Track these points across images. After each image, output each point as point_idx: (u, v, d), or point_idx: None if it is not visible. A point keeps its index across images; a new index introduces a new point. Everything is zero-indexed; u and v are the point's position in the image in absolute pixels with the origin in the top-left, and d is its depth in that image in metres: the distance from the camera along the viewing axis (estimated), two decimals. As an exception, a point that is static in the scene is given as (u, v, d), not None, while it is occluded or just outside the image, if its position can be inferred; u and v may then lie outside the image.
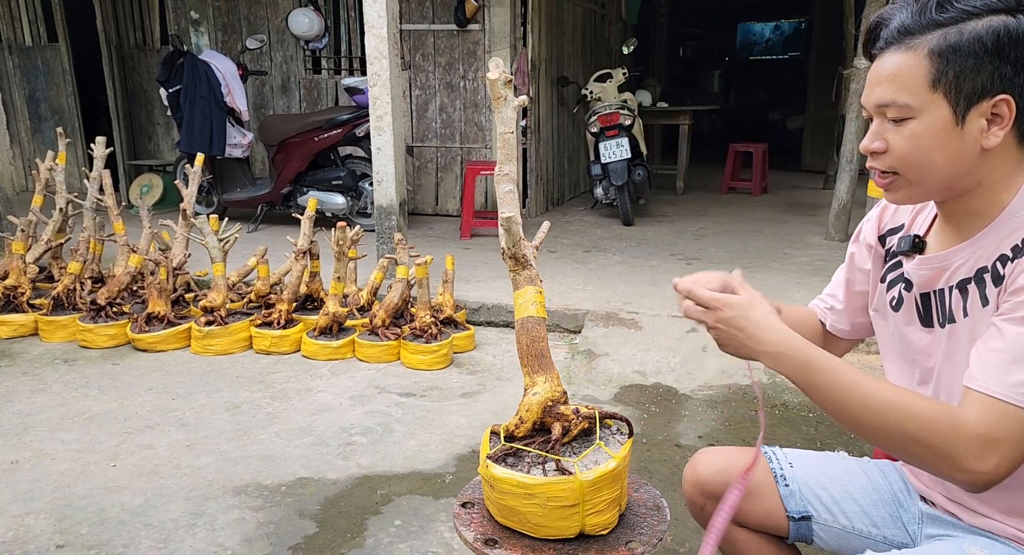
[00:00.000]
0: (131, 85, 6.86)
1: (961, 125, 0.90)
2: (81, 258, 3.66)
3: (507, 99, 1.20)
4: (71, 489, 2.16)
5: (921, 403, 0.89)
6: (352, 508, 2.09)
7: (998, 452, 0.85)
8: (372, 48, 3.86)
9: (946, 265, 0.99)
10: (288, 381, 3.02)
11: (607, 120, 5.65)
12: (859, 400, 0.90)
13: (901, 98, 0.92)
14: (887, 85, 0.93)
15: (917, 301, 1.04)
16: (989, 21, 0.87)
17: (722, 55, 13.77)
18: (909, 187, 0.96)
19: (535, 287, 1.22)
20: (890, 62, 0.93)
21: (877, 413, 0.89)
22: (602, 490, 1.09)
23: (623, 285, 4.07)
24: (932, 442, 0.87)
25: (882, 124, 0.96)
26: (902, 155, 0.94)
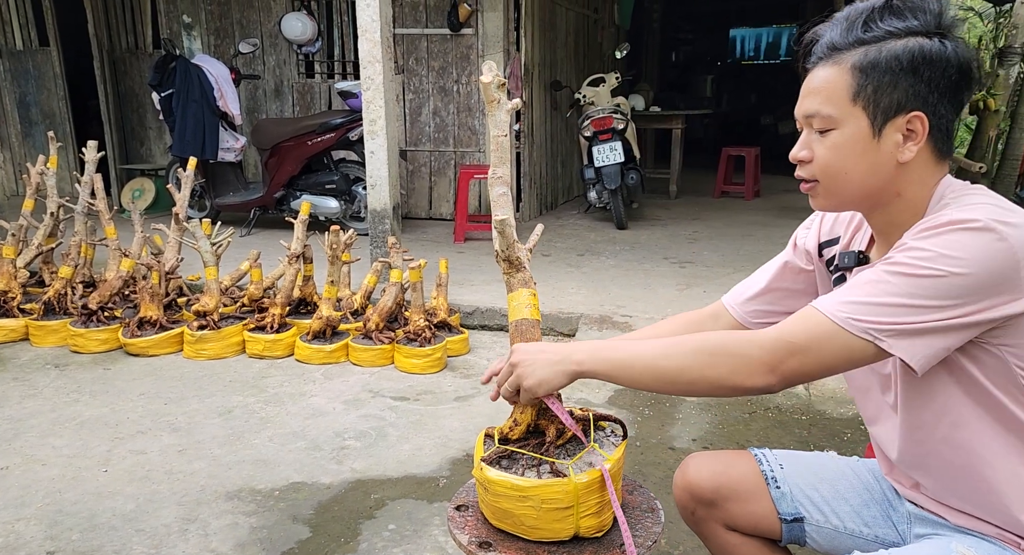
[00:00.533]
0: (123, 89, 6.83)
1: (878, 138, 0.95)
2: (72, 262, 3.64)
3: (500, 102, 1.21)
4: (62, 495, 2.15)
5: (712, 336, 0.99)
6: (346, 513, 2.08)
7: (790, 356, 0.91)
8: (365, 52, 3.86)
9: None
10: (281, 385, 3.01)
11: (600, 124, 5.67)
12: (659, 356, 0.98)
13: (825, 109, 0.97)
14: (814, 97, 0.99)
15: None
16: (907, 42, 0.93)
17: (714, 60, 13.84)
18: (828, 195, 1.02)
19: (529, 289, 1.22)
20: (818, 76, 0.99)
21: (684, 367, 0.97)
22: (596, 492, 1.09)
23: (617, 288, 4.07)
24: (727, 358, 0.94)
25: (809, 134, 1.01)
26: (823, 164, 0.99)
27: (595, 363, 1.02)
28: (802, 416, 2.74)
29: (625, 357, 1.01)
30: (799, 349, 0.91)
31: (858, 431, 2.62)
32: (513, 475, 1.10)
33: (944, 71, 0.93)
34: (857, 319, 0.89)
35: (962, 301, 0.87)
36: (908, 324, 0.88)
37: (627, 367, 1.00)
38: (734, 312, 1.27)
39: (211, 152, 5.51)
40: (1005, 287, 0.87)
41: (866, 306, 0.89)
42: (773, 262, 1.27)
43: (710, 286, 4.08)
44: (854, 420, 2.72)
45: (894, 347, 0.89)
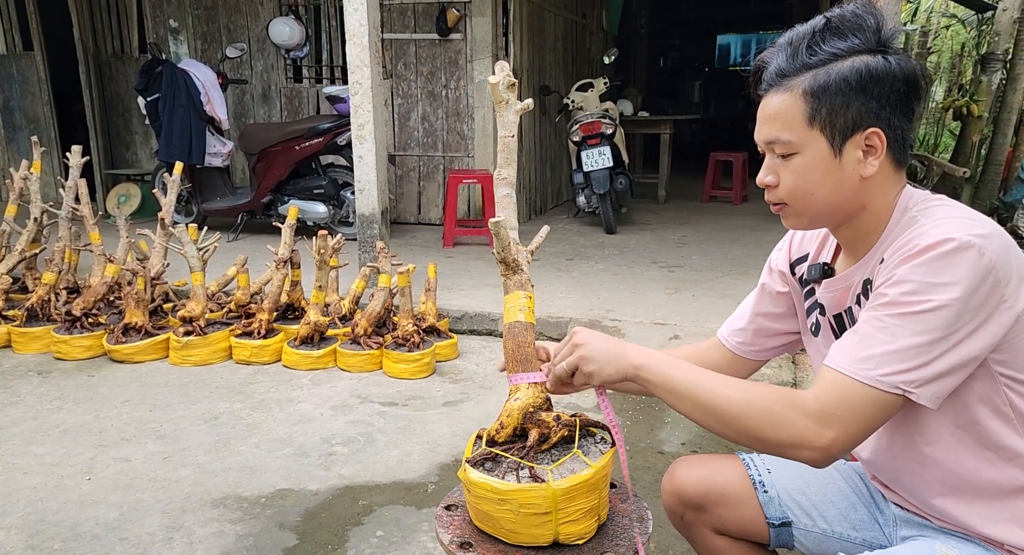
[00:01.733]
0: (108, 94, 6.78)
1: (839, 157, 0.97)
2: (56, 268, 3.60)
3: (509, 103, 1.19)
4: (44, 504, 2.11)
5: (766, 387, 0.97)
6: (333, 519, 2.06)
7: (835, 427, 0.90)
8: (353, 57, 3.85)
9: (847, 285, 1.06)
10: (268, 391, 2.99)
11: (589, 129, 5.69)
12: (712, 396, 0.98)
13: (784, 135, 0.99)
14: (771, 124, 1.00)
15: (832, 324, 1.11)
16: (852, 62, 0.95)
17: (702, 66, 13.94)
18: (798, 215, 1.04)
19: (525, 292, 1.22)
20: (772, 103, 1.00)
21: (727, 407, 0.96)
22: (577, 499, 1.08)
23: (606, 293, 4.08)
24: (773, 419, 0.93)
25: (772, 159, 1.03)
26: (790, 188, 1.02)
27: (652, 373, 1.02)
28: (790, 419, 2.74)
29: (682, 380, 1.00)
30: (840, 420, 0.91)
31: (846, 434, 2.63)
32: (494, 478, 1.09)
33: (892, 85, 0.95)
34: (884, 375, 0.89)
35: (966, 322, 0.88)
36: (929, 365, 0.88)
37: (680, 392, 1.00)
38: (727, 344, 1.29)
39: (198, 157, 5.48)
40: (995, 296, 0.88)
41: (886, 357, 0.89)
42: (754, 291, 1.29)
43: (698, 290, 4.10)
44: (842, 423, 2.73)
45: (921, 397, 0.89)
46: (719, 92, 13.22)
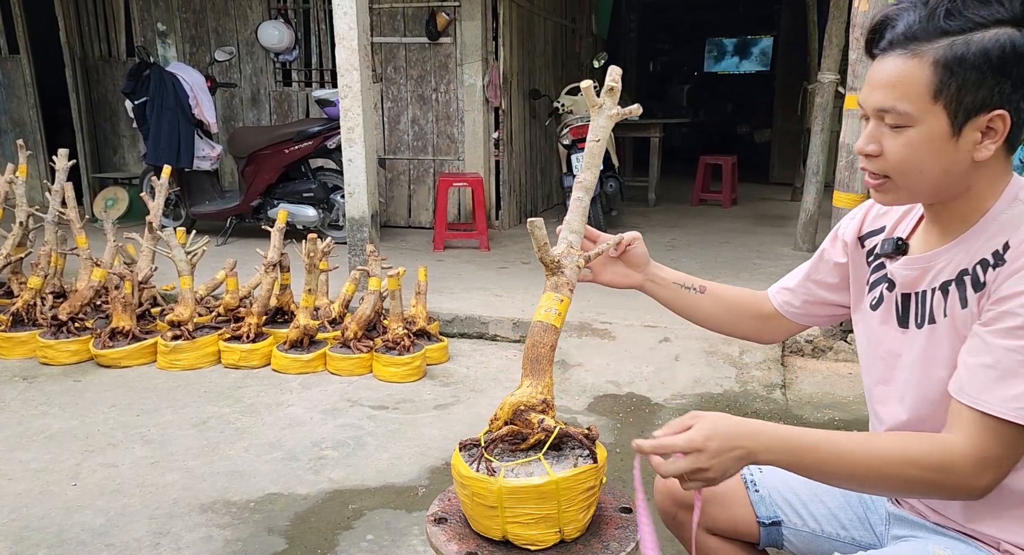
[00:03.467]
0: (96, 97, 6.73)
1: (957, 137, 0.90)
2: (42, 272, 3.56)
3: (603, 107, 1.15)
4: (29, 510, 2.09)
5: (911, 446, 0.91)
6: (323, 523, 2.05)
7: (992, 468, 0.88)
8: (343, 60, 3.85)
9: (929, 266, 0.99)
10: (258, 395, 2.97)
11: (579, 132, 5.70)
12: (856, 467, 0.92)
13: (901, 106, 0.91)
14: (888, 91, 0.92)
15: (897, 301, 1.04)
16: (996, 34, 0.86)
17: (691, 70, 14.01)
18: (898, 191, 0.97)
19: (558, 295, 1.17)
20: (893, 66, 0.91)
21: (877, 474, 0.92)
22: (526, 502, 1.06)
23: (596, 295, 4.08)
24: (932, 479, 0.89)
25: (878, 127, 0.95)
26: (896, 161, 0.94)
27: (780, 459, 0.94)
28: (780, 421, 2.76)
29: (818, 460, 0.93)
30: (997, 461, 0.88)
31: (835, 435, 2.65)
32: (464, 463, 1.12)
33: None
34: None
35: None
36: None
37: (824, 472, 0.94)
38: (773, 301, 1.27)
39: (186, 160, 5.44)
40: None
41: None
42: (812, 257, 1.25)
43: (688, 293, 4.11)
44: (830, 425, 2.75)
45: None
46: (708, 96, 13.30)
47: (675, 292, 1.30)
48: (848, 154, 3.25)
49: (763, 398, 2.93)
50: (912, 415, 1.02)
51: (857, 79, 3.16)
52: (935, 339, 0.98)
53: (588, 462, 1.11)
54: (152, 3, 6.33)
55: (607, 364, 3.23)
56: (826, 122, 5.35)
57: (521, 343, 3.64)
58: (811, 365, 3.29)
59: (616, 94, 1.17)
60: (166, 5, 6.31)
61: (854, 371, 3.23)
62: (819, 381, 3.13)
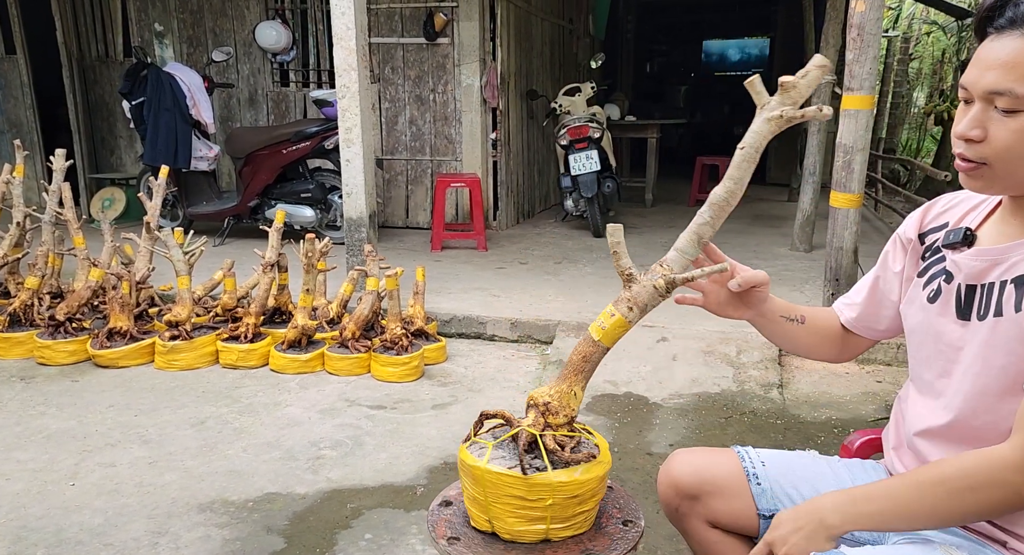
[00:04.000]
0: (93, 97, 6.72)
1: None
2: (39, 273, 3.56)
3: (766, 106, 0.97)
4: (27, 510, 2.09)
5: (962, 474, 0.90)
6: (321, 523, 2.05)
7: None
8: (341, 60, 3.85)
9: (1002, 258, 0.96)
10: (256, 395, 2.97)
11: (576, 133, 5.71)
12: (921, 509, 0.92)
13: (1020, 88, 0.85)
14: (1006, 72, 0.86)
15: (961, 293, 1.01)
16: None
17: (688, 71, 14.04)
18: (994, 179, 0.92)
19: (614, 308, 1.08)
20: (1012, 46, 0.86)
21: (943, 509, 0.91)
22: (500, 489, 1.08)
23: (594, 296, 4.09)
24: (992, 497, 0.88)
25: (985, 111, 0.89)
26: (1003, 148, 0.88)
27: (849, 524, 0.96)
28: (777, 420, 2.76)
29: (878, 511, 0.94)
30: None
31: (831, 435, 2.66)
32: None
33: None
34: None
35: None
36: None
37: (884, 523, 0.95)
38: (841, 316, 1.26)
39: (184, 161, 5.44)
40: None
41: None
42: (875, 268, 1.22)
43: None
44: (827, 424, 2.76)
45: None
46: (705, 97, 13.33)
47: (780, 326, 1.24)
48: (845, 154, 3.26)
49: (760, 398, 2.94)
50: (962, 411, 1.00)
51: (853, 79, 3.17)
52: (999, 331, 0.95)
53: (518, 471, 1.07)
54: (149, 3, 6.32)
55: (605, 363, 3.21)
56: (823, 122, 5.37)
57: (519, 343, 3.65)
58: (808, 365, 3.30)
59: (793, 91, 0.95)
60: (163, 5, 6.31)
61: (851, 371, 3.24)
62: (816, 380, 3.14)
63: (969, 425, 1.00)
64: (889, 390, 3.05)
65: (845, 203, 3.29)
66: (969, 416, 1.00)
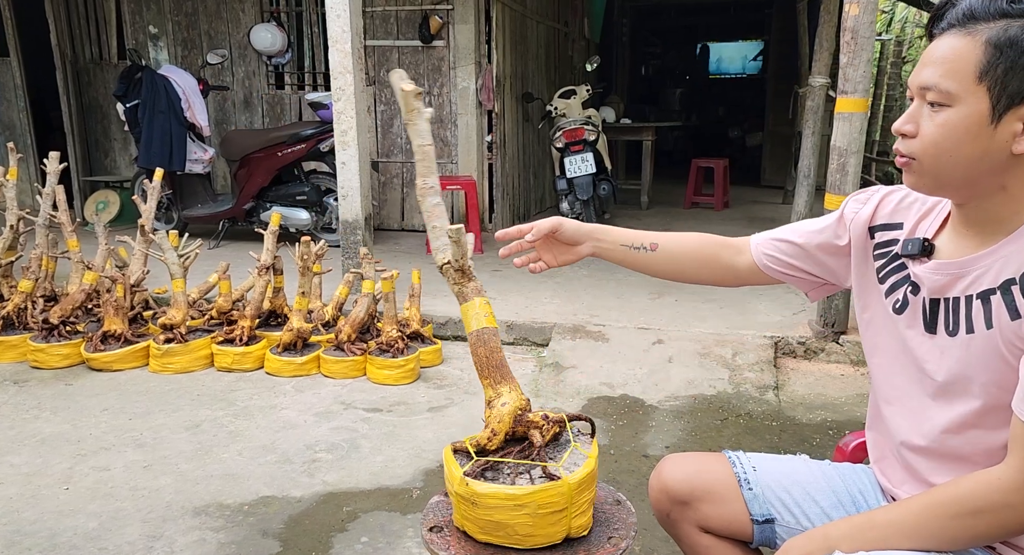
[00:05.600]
0: (87, 100, 6.70)
1: (995, 124, 0.87)
2: (33, 276, 3.54)
3: (419, 111, 1.18)
4: (20, 514, 2.08)
5: (964, 498, 0.90)
6: (317, 526, 2.04)
7: None
8: (336, 63, 3.85)
9: (964, 272, 0.96)
10: (251, 398, 2.96)
11: (572, 135, 5.72)
12: (929, 534, 0.91)
13: (944, 83, 0.89)
14: (935, 67, 0.90)
15: (925, 306, 1.01)
16: None
17: (683, 73, 14.09)
18: (924, 175, 0.94)
19: (483, 298, 1.23)
20: (945, 45, 0.90)
21: (950, 534, 0.91)
22: (584, 491, 1.10)
23: (590, 298, 4.09)
24: (996, 520, 0.88)
25: (919, 108, 0.93)
26: (928, 142, 0.91)
27: (859, 550, 0.94)
28: (772, 422, 2.77)
29: (886, 537, 0.93)
30: None
31: (826, 436, 2.66)
32: (504, 485, 1.07)
33: None
34: None
35: None
36: None
37: (894, 548, 0.94)
38: (755, 254, 1.25)
39: (179, 163, 5.43)
40: None
41: None
42: (814, 222, 1.21)
43: (681, 295, 4.13)
44: (822, 426, 2.77)
45: None
46: (700, 99, 13.36)
47: (624, 254, 1.29)
48: (839, 157, 3.27)
49: (756, 400, 2.94)
50: (945, 426, 1.00)
51: (847, 82, 3.19)
52: (974, 348, 0.94)
53: (590, 438, 1.17)
54: (144, 6, 6.31)
55: (600, 366, 3.23)
56: (817, 125, 5.38)
57: (515, 345, 3.64)
58: (803, 366, 3.31)
59: (422, 98, 1.23)
60: (158, 8, 6.30)
61: (846, 372, 3.25)
62: (811, 382, 3.15)
63: (957, 440, 1.00)
64: (884, 392, 3.06)
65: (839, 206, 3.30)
66: (955, 431, 0.99)
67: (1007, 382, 0.92)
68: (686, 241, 1.29)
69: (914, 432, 1.05)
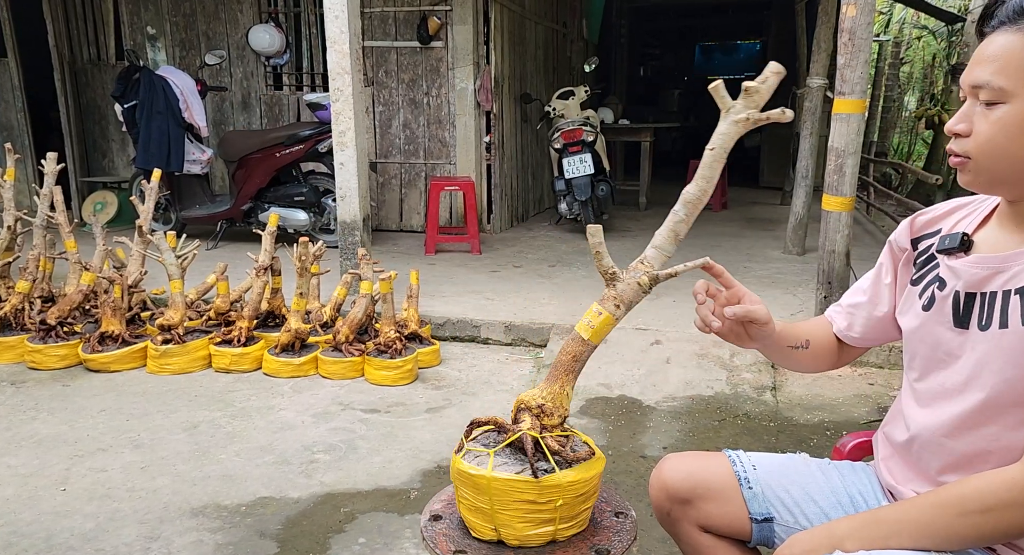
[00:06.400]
0: (85, 101, 6.70)
1: None
2: (30, 277, 3.54)
3: (731, 110, 1.01)
4: (17, 515, 2.07)
5: (975, 495, 0.90)
6: (315, 527, 2.04)
7: None
8: (334, 64, 3.85)
9: (1005, 266, 0.94)
10: (249, 399, 2.96)
11: (570, 136, 5.72)
12: (935, 532, 0.91)
13: (997, 80, 0.88)
14: (987, 65, 0.89)
15: (959, 300, 1.00)
16: None
17: (681, 74, 14.10)
18: (980, 173, 0.93)
19: (600, 307, 1.11)
20: (998, 42, 0.89)
21: (958, 532, 0.90)
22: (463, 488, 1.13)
23: (588, 299, 4.09)
24: (1006, 518, 0.88)
25: (972, 106, 0.92)
26: (984, 140, 0.90)
27: (864, 547, 0.94)
28: (770, 423, 2.77)
29: (892, 534, 0.93)
30: None
31: (823, 437, 2.67)
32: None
33: None
34: None
35: None
36: None
37: (899, 546, 0.93)
38: (835, 326, 1.26)
39: (176, 164, 5.43)
40: None
41: None
42: (870, 272, 1.21)
43: (679, 296, 4.13)
44: (820, 426, 2.77)
45: None
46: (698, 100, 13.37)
47: (787, 354, 1.25)
48: (837, 158, 3.27)
49: (754, 400, 2.94)
50: (965, 422, 0.99)
51: (845, 83, 3.19)
52: (1005, 343, 0.93)
53: (526, 475, 1.09)
54: (142, 6, 6.31)
55: (598, 367, 3.24)
56: (815, 126, 5.40)
57: (513, 346, 3.65)
58: (801, 367, 3.31)
59: (756, 95, 0.99)
60: (156, 9, 6.29)
61: (843, 373, 3.25)
62: (808, 383, 3.15)
63: (972, 436, 0.99)
64: (881, 392, 3.06)
65: (837, 206, 3.31)
66: (972, 427, 0.99)
67: None
68: (823, 332, 1.28)
69: (931, 427, 1.04)
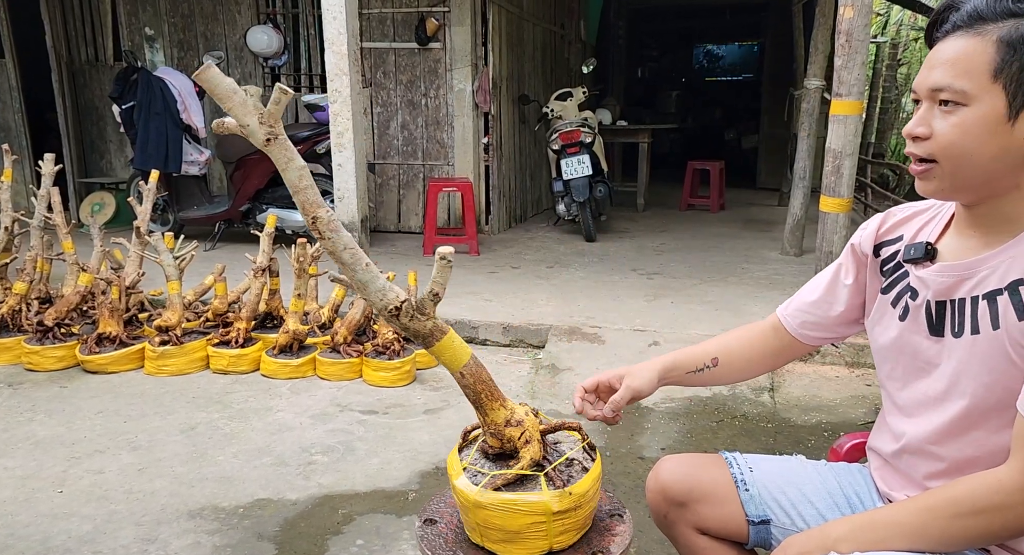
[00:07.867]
0: (82, 102, 6.69)
1: (1013, 121, 0.88)
2: (27, 278, 3.53)
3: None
4: (14, 517, 2.07)
5: (965, 498, 0.90)
6: (313, 529, 2.04)
7: None
8: (332, 65, 3.85)
9: (970, 273, 0.95)
10: (247, 401, 2.95)
11: (568, 138, 5.73)
12: (928, 534, 0.91)
13: (958, 83, 0.89)
14: (946, 69, 0.90)
15: (931, 309, 1.00)
16: None
17: (679, 76, 14.12)
18: (943, 178, 0.93)
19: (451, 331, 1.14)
20: (954, 46, 0.90)
21: (949, 534, 0.91)
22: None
23: (586, 300, 4.09)
24: (996, 521, 0.88)
25: (930, 109, 0.93)
26: (945, 143, 0.91)
27: (858, 550, 0.94)
28: (768, 424, 2.78)
29: (885, 537, 0.93)
30: None
31: (821, 438, 2.67)
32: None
33: None
34: None
35: None
36: None
37: (893, 549, 0.93)
38: (786, 323, 1.25)
39: (175, 165, 5.42)
40: None
41: None
42: (826, 271, 1.21)
43: (678, 297, 4.13)
44: (817, 427, 2.77)
45: None
46: (696, 102, 13.39)
47: (694, 378, 1.30)
48: (834, 159, 3.28)
49: (751, 401, 2.95)
50: (948, 428, 0.99)
51: (842, 85, 3.20)
52: (977, 349, 0.94)
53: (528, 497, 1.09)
54: (140, 7, 6.31)
55: (597, 368, 3.24)
56: (812, 127, 5.41)
57: (511, 347, 3.64)
58: (798, 368, 3.32)
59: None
60: (154, 9, 6.29)
61: (841, 374, 3.26)
62: (806, 384, 3.16)
63: (959, 442, 1.00)
64: (878, 393, 3.06)
65: (835, 207, 3.32)
66: (958, 433, 0.99)
67: (1008, 382, 0.92)
68: (736, 343, 1.29)
69: (917, 436, 1.05)
